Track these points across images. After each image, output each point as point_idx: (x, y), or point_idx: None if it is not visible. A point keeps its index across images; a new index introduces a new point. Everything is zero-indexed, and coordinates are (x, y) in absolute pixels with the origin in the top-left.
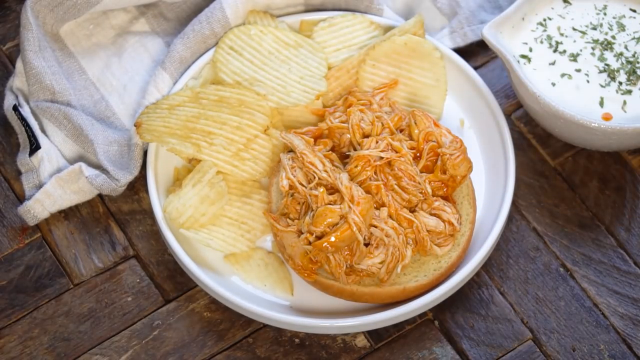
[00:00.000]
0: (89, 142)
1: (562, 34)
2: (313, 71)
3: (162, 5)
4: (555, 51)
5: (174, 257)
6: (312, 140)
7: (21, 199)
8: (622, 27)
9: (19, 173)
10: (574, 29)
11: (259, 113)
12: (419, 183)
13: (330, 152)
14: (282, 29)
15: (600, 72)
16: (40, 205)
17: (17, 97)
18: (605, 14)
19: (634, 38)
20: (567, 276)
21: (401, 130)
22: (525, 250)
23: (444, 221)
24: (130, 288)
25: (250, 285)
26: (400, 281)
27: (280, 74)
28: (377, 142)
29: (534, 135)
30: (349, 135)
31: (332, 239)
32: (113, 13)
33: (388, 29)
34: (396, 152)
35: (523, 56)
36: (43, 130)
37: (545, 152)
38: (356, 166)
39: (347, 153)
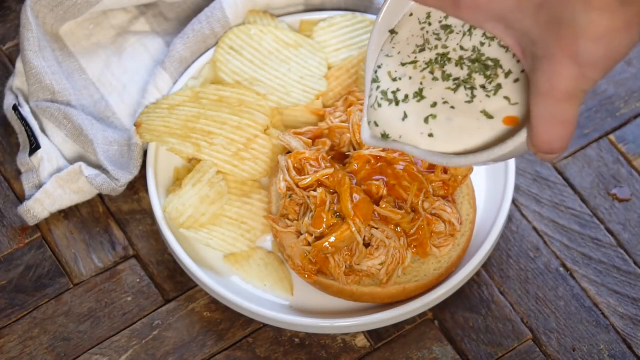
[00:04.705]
0: (89, 142)
1: (394, 80)
2: (313, 71)
3: (162, 5)
4: (397, 103)
5: (174, 257)
6: (311, 141)
7: (21, 199)
8: (448, 29)
9: (19, 173)
10: (403, 64)
11: (259, 113)
12: (421, 183)
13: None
14: (282, 29)
15: (456, 90)
16: (40, 205)
17: (17, 97)
18: (429, 23)
19: (464, 33)
20: (567, 276)
21: None
22: (525, 250)
23: (444, 221)
24: (130, 288)
25: (250, 285)
26: (400, 281)
27: (281, 74)
28: None
29: None
30: (349, 135)
31: (332, 239)
32: (113, 13)
33: None
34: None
35: (384, 135)
36: (43, 130)
37: None
38: (355, 166)
39: (347, 153)
